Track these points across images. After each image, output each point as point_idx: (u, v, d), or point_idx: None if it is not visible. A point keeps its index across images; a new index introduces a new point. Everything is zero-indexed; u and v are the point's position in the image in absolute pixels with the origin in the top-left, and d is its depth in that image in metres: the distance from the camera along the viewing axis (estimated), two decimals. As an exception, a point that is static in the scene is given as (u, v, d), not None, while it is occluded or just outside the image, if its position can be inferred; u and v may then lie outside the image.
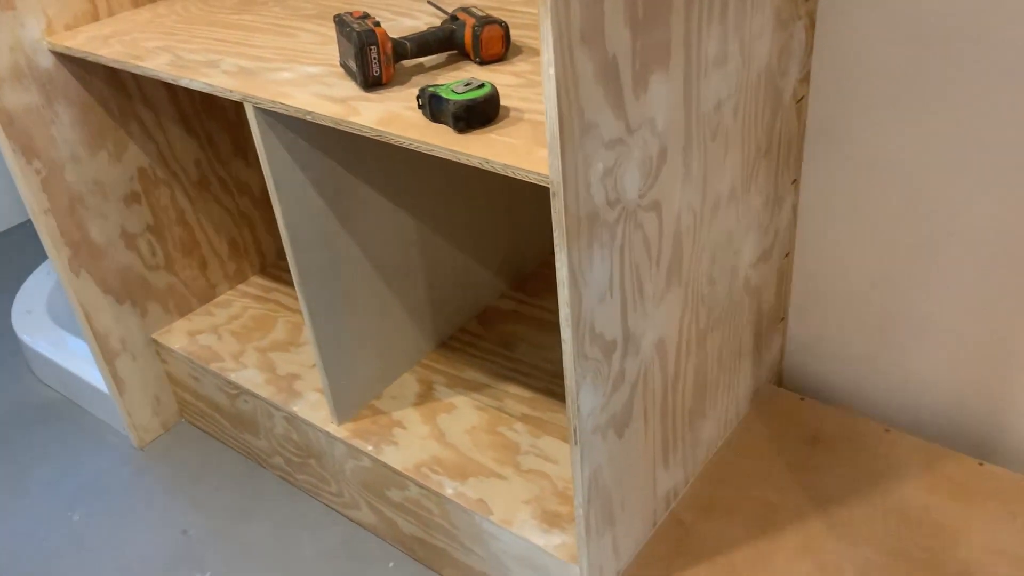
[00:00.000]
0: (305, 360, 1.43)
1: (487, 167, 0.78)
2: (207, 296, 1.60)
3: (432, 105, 0.84)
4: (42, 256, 2.14)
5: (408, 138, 0.84)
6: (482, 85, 0.83)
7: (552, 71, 0.66)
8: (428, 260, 1.35)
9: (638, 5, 0.72)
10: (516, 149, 0.79)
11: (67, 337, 1.72)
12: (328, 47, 1.09)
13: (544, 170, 0.74)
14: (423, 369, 1.39)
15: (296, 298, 1.59)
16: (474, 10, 0.99)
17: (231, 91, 0.99)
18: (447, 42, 0.97)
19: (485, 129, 0.83)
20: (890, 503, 1.14)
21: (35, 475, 1.53)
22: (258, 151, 1.03)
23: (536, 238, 1.59)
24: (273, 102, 0.95)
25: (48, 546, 1.39)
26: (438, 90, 0.84)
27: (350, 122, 0.89)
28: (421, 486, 1.17)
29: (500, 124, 0.84)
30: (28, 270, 2.07)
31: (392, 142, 0.85)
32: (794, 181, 1.20)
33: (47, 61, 1.23)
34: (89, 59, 1.15)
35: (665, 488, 1.13)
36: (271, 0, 1.30)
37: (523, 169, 0.76)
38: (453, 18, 0.99)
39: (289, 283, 1.64)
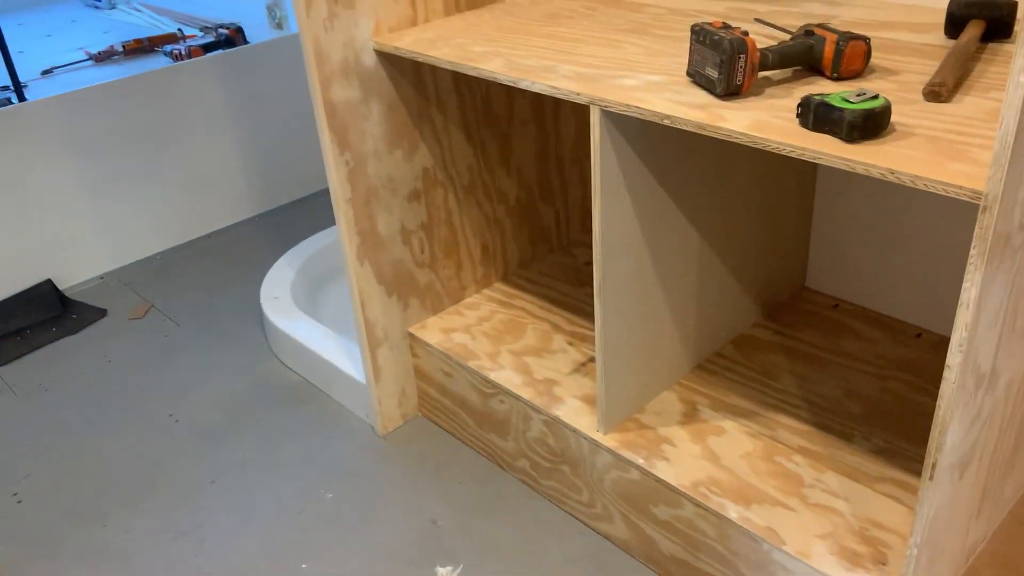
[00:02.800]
0: (561, 367, 1.44)
1: (890, 178, 0.76)
2: (457, 297, 1.65)
3: (818, 114, 0.83)
4: (281, 247, 2.28)
5: (792, 145, 0.83)
6: (876, 96, 0.81)
7: (1023, 79, 0.63)
8: (702, 277, 1.33)
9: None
10: (922, 162, 0.76)
11: (313, 324, 1.82)
12: (659, 58, 1.10)
13: (970, 184, 0.71)
14: (683, 389, 1.37)
15: (541, 307, 1.62)
16: (831, 26, 0.97)
17: (578, 94, 1.02)
18: (805, 55, 0.97)
19: (876, 141, 0.81)
20: None
21: (286, 453, 1.61)
22: (593, 156, 1.05)
23: (790, 269, 1.55)
24: (627, 106, 0.97)
25: (305, 520, 1.45)
26: (827, 99, 0.83)
27: (717, 127, 0.89)
28: (699, 505, 1.15)
29: (889, 137, 0.82)
30: (268, 260, 2.21)
31: (769, 148, 0.84)
32: None
33: (370, 60, 1.32)
34: (420, 59, 1.22)
35: (972, 540, 1.06)
36: (577, 15, 1.33)
37: (942, 182, 0.73)
38: (808, 33, 0.98)
39: (532, 292, 1.67)
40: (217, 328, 2.00)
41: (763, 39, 1.09)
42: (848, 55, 0.94)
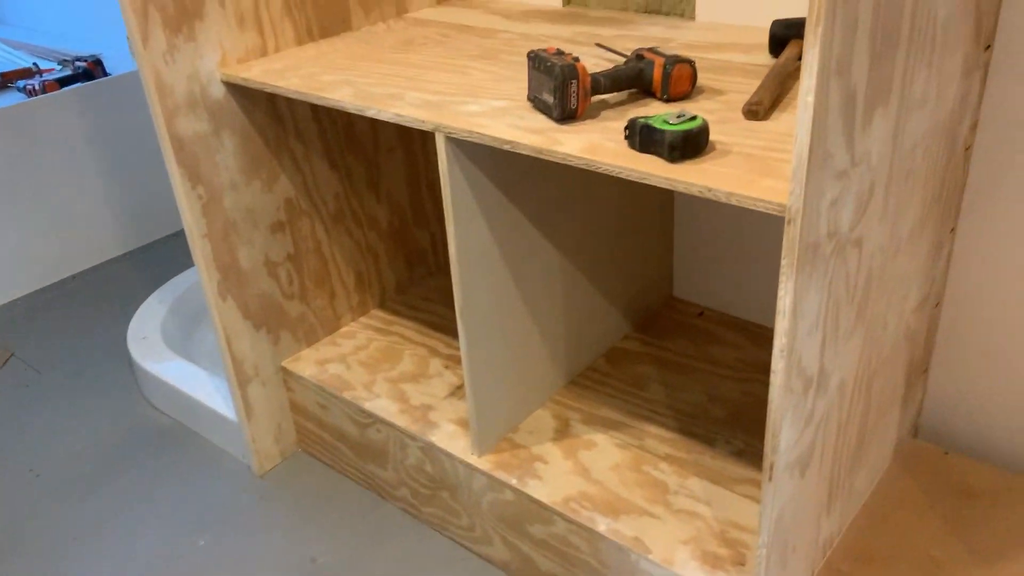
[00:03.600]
0: (437, 391, 1.44)
1: (707, 195, 0.79)
2: (332, 327, 1.62)
3: (643, 136, 0.86)
4: (152, 284, 2.19)
5: (617, 166, 0.85)
6: (694, 117, 0.85)
7: (811, 99, 0.67)
8: (568, 294, 1.36)
9: (878, 38, 0.74)
10: (736, 179, 0.80)
11: (184, 364, 1.75)
12: (504, 84, 1.12)
13: (774, 198, 0.75)
14: (556, 405, 1.38)
15: (419, 331, 1.61)
16: (660, 49, 1.01)
17: (423, 121, 1.02)
18: (635, 79, 1.00)
19: (696, 160, 0.84)
20: (1061, 562, 1.10)
21: (158, 500, 1.54)
22: (443, 181, 1.06)
23: (656, 281, 1.59)
24: (470, 132, 0.98)
25: (178, 570, 1.39)
26: (650, 121, 0.86)
27: (553, 151, 0.91)
28: (570, 521, 1.16)
29: (709, 156, 0.85)
30: (138, 299, 2.12)
31: (598, 170, 0.87)
32: (952, 230, 1.20)
33: (219, 92, 1.29)
34: (267, 90, 1.20)
35: (825, 535, 1.10)
36: (430, 42, 1.34)
37: (750, 197, 0.77)
38: (639, 57, 1.01)
39: (410, 317, 1.66)
40: (83, 374, 1.90)
41: (603, 63, 1.13)
42: (675, 77, 0.97)
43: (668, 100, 0.99)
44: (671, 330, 1.55)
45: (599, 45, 1.19)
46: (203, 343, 1.94)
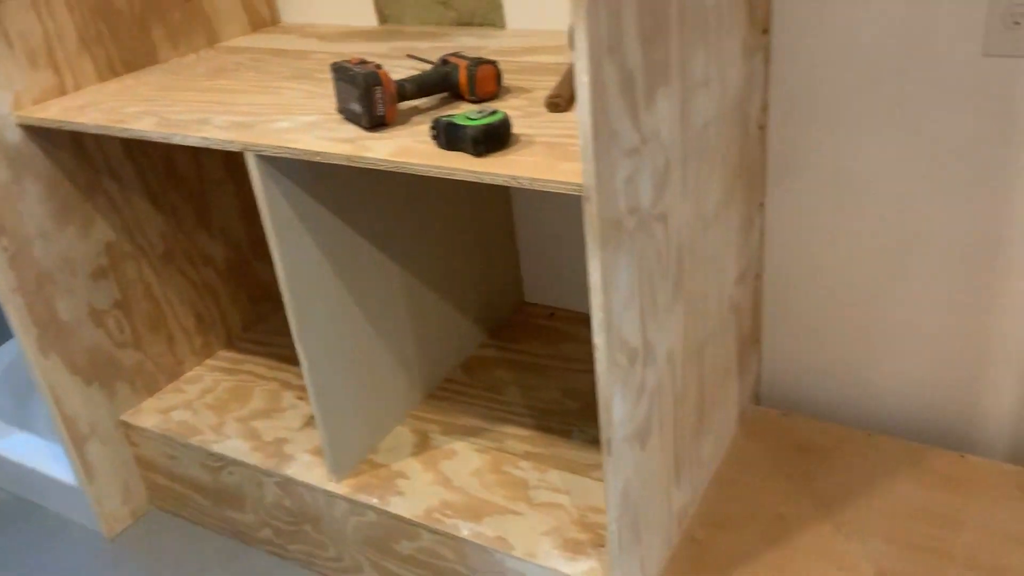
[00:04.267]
0: (290, 424, 1.40)
1: (513, 183, 0.81)
2: (175, 373, 1.55)
3: (448, 133, 0.87)
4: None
5: (426, 165, 0.86)
6: (495, 112, 0.87)
7: (586, 78, 0.70)
8: (414, 310, 1.35)
9: (646, 23, 0.79)
10: (538, 166, 0.83)
11: (17, 434, 1.62)
12: (316, 100, 1.11)
13: (573, 179, 0.78)
14: (415, 420, 1.37)
15: (270, 367, 1.56)
16: (464, 54, 1.04)
17: (231, 141, 1.00)
18: (442, 83, 1.02)
19: (502, 153, 0.87)
20: (888, 500, 1.18)
21: (-6, 581, 1.41)
22: (258, 201, 1.03)
23: (506, 287, 1.62)
24: (279, 147, 0.97)
25: (19, 653, 1.28)
26: (453, 119, 0.87)
27: (363, 157, 0.91)
28: (435, 531, 1.15)
29: (514, 148, 0.88)
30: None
31: (409, 171, 0.88)
32: (761, 204, 1.28)
33: (15, 136, 1.21)
34: (66, 128, 1.14)
35: (678, 506, 1.14)
36: (243, 67, 1.32)
37: (551, 180, 0.79)
38: (444, 62, 1.03)
39: (260, 353, 1.61)
40: (-102, 461, 1.72)
41: (412, 72, 1.14)
42: (480, 78, 1.00)
43: (477, 101, 1.02)
44: (525, 333, 1.58)
45: (410, 56, 1.20)
46: (40, 409, 1.81)
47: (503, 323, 1.61)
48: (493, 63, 1.01)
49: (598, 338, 0.84)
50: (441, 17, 1.45)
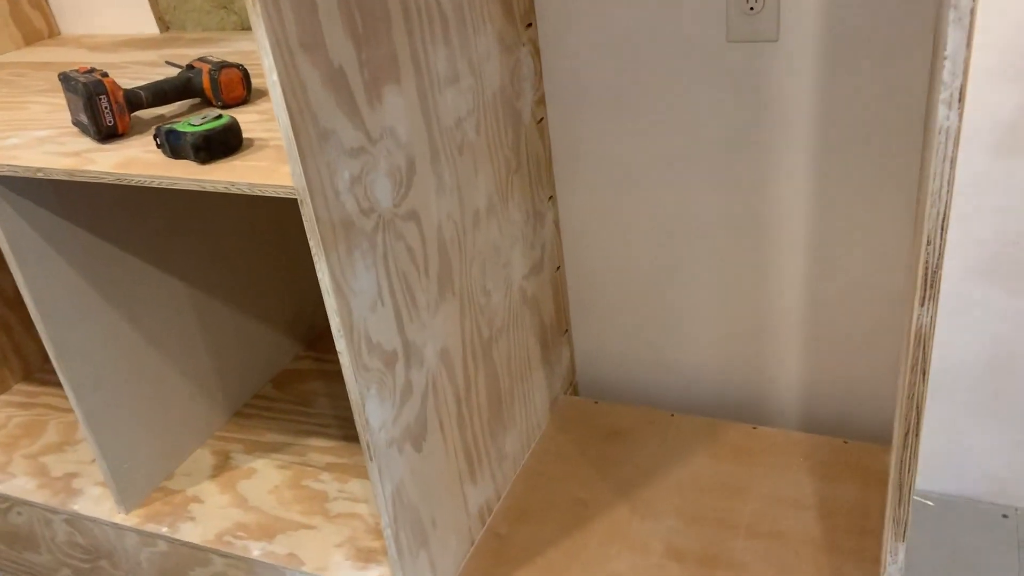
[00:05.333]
0: (83, 456, 1.32)
1: (233, 190, 0.79)
2: (-40, 412, 1.44)
3: (170, 141, 0.84)
4: None
5: (149, 175, 0.82)
6: (219, 116, 0.84)
7: (275, 77, 0.68)
8: (208, 327, 1.30)
9: (356, 20, 0.77)
10: (260, 170, 0.80)
11: None
12: (61, 113, 1.05)
13: (286, 182, 0.76)
14: (217, 441, 1.32)
15: (65, 398, 1.47)
16: (210, 57, 1.00)
17: (-50, 161, 0.93)
18: (185, 90, 0.98)
19: (228, 159, 0.84)
20: (684, 477, 1.22)
21: None
22: (-10, 222, 0.97)
23: (320, 299, 1.58)
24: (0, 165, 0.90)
25: None
26: (174, 126, 0.84)
27: (85, 171, 0.86)
28: (225, 555, 1.10)
29: (244, 153, 0.85)
30: None
31: (132, 183, 0.83)
32: (551, 197, 1.30)
33: None
34: None
35: (477, 503, 1.14)
36: (5, 85, 1.24)
37: (268, 185, 0.77)
38: (190, 67, 0.99)
39: (60, 385, 1.51)
40: None
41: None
42: (224, 83, 0.96)
43: (224, 106, 0.98)
44: (340, 342, 1.54)
45: (168, 63, 1.15)
46: None
47: (322, 333, 1.58)
48: (239, 66, 0.98)
49: (339, 343, 0.82)
50: (223, 22, 1.40)
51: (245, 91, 0.99)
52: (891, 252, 1.15)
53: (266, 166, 0.81)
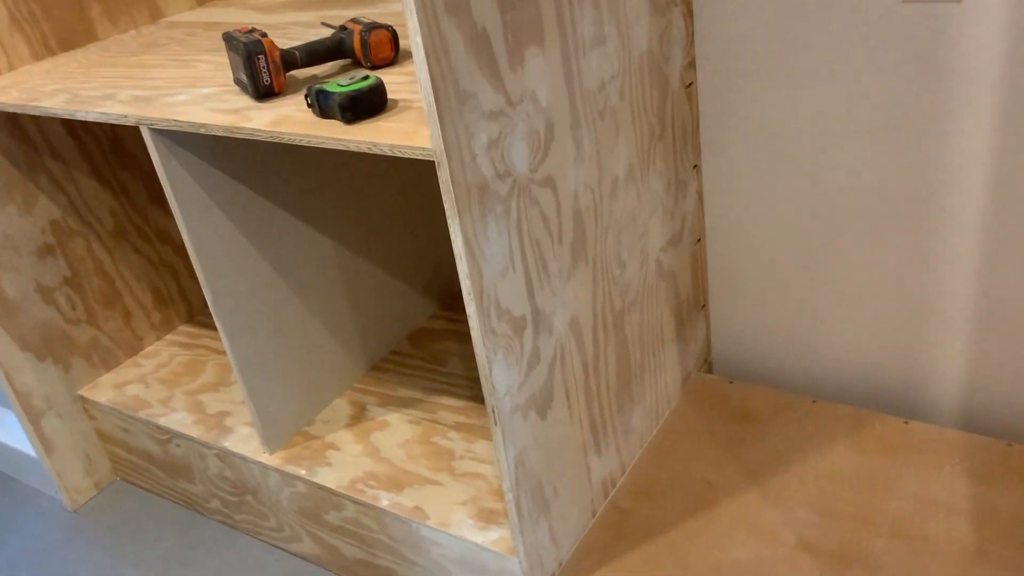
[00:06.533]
0: (236, 397, 1.41)
1: (374, 150, 0.80)
2: (134, 348, 1.57)
3: (320, 101, 0.86)
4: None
5: (297, 134, 0.85)
6: (367, 77, 0.86)
7: (419, 39, 0.68)
8: (350, 282, 1.35)
9: (500, -21, 0.76)
10: (403, 131, 0.81)
11: (-9, 408, 1.67)
12: (224, 72, 1.11)
13: (427, 144, 0.76)
14: (355, 393, 1.38)
15: (225, 341, 1.58)
16: (362, 19, 1.02)
17: (125, 116, 1.00)
18: (337, 50, 1.00)
19: (373, 119, 0.85)
20: (821, 467, 1.15)
21: (-39, 550, 1.46)
22: (159, 174, 1.04)
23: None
24: (167, 120, 0.96)
25: (-24, 619, 1.32)
26: (324, 86, 0.86)
27: (241, 128, 0.90)
28: (357, 502, 1.15)
29: (388, 114, 0.86)
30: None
31: (283, 141, 0.87)
32: (695, 167, 1.24)
33: (-54, 115, 1.23)
34: (-15, 107, 1.15)
35: (600, 476, 1.13)
36: (173, 42, 1.32)
37: (408, 146, 0.78)
38: (342, 28, 1.02)
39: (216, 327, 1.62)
40: None
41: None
42: (373, 44, 0.98)
43: (373, 67, 1.00)
44: (474, 304, 1.57)
45: (324, 24, 1.19)
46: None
47: (457, 294, 1.60)
48: (388, 28, 0.99)
49: (469, 307, 0.82)
50: (378, -16, 1.42)
51: (393, 52, 1.00)
52: (1081, 241, 1.02)
53: (408, 127, 0.82)
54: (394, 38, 1.00)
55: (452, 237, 0.79)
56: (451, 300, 1.59)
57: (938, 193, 1.09)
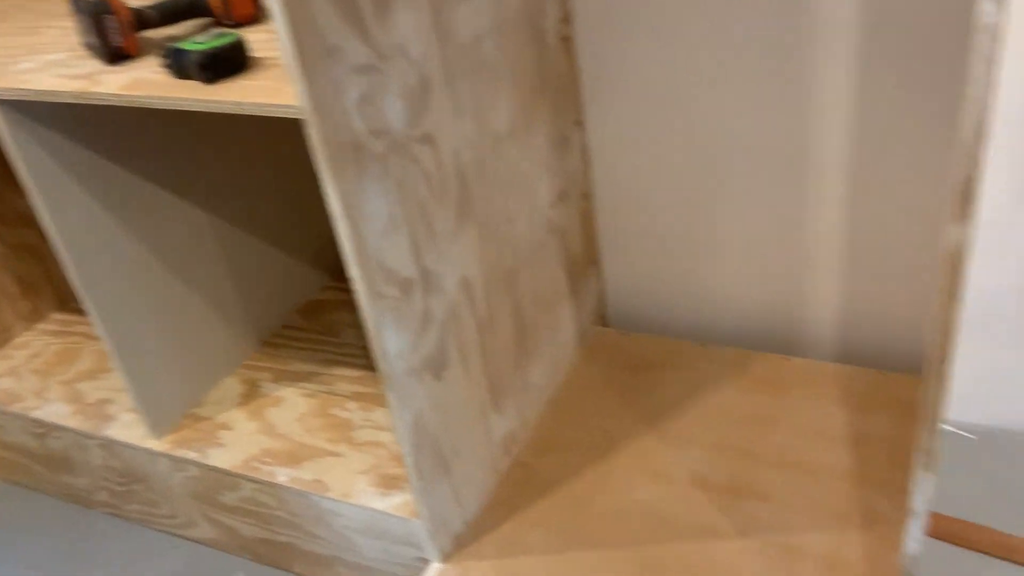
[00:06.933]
0: (116, 384, 1.34)
1: (240, 111, 0.76)
2: (1, 340, 1.47)
3: (177, 61, 0.81)
4: None
5: (154, 96, 0.80)
6: (225, 34, 0.81)
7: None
8: (232, 256, 1.30)
9: (361, -74, 0.73)
10: (269, 89, 0.77)
11: None
12: (74, 36, 1.03)
13: (292, 102, 0.73)
14: (246, 370, 1.33)
15: (103, 326, 1.49)
16: (221, -25, 0.96)
17: (-37, 86, 0.92)
18: (195, 8, 0.94)
19: (235, 78, 0.81)
20: (712, 407, 1.19)
21: None
22: (7, 151, 0.96)
23: (349, 225, 1.57)
24: (10, 90, 0.89)
25: None
26: (181, 44, 0.81)
27: (91, 93, 0.84)
28: (253, 480, 1.12)
29: (253, 73, 0.82)
30: None
31: (139, 104, 0.81)
32: (577, 122, 1.25)
33: None
34: None
35: (502, 433, 1.13)
36: (17, 8, 1.22)
37: (275, 104, 0.74)
38: (201, -15, 0.96)
39: (93, 313, 1.53)
40: None
41: None
42: (233, 0, 0.93)
43: (236, 26, 0.95)
44: (367, 272, 1.53)
45: (183, -17, 1.11)
46: None
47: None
48: (248, -17, 0.94)
49: (352, 270, 0.80)
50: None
51: (255, 8, 0.95)
52: (936, 173, 1.08)
53: (273, 85, 0.78)
54: (256, -6, 0.95)
55: (329, 198, 0.76)
56: (342, 270, 1.55)
57: (806, 141, 1.13)
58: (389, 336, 0.86)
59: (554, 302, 1.24)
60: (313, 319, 1.43)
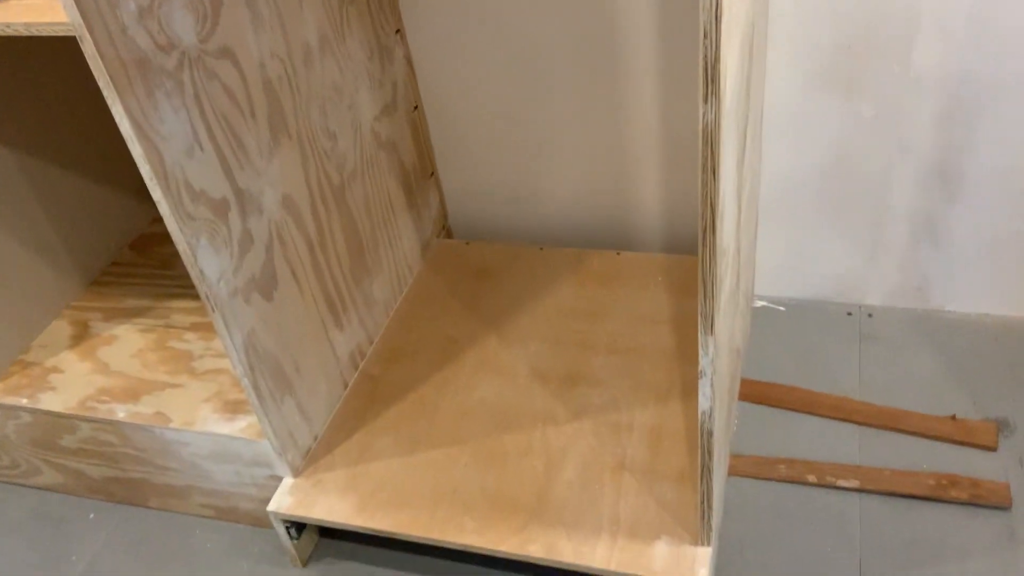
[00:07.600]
0: (-68, 339, 1.26)
1: (8, 32, 0.71)
2: None
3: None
4: None
5: (-90, 20, 0.74)
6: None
7: None
8: (47, 194, 1.22)
9: None
10: (36, 8, 0.73)
11: None
12: None
13: (59, 19, 0.69)
14: (74, 311, 1.28)
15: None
16: None
17: None
18: (-49, -80, 0.86)
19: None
20: (550, 305, 1.25)
21: None
22: None
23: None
24: None
25: None
26: (-69, -40, 0.74)
27: None
28: (91, 420, 1.10)
29: (24, -10, 0.77)
30: None
31: None
32: (398, 31, 1.23)
33: None
34: None
35: (347, 348, 1.15)
36: None
37: (44, 23, 0.70)
38: None
39: None
40: None
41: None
42: (-5, -90, 0.85)
43: (2, -60, 0.87)
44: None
45: None
46: None
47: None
48: None
49: (154, 192, 0.78)
50: None
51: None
52: (738, 69, 1.15)
53: (43, 4, 0.73)
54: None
55: (116, 119, 0.73)
56: (174, 201, 1.49)
57: (620, 34, 1.17)
58: (206, 259, 0.85)
59: (391, 216, 1.25)
60: (145, 253, 1.38)
